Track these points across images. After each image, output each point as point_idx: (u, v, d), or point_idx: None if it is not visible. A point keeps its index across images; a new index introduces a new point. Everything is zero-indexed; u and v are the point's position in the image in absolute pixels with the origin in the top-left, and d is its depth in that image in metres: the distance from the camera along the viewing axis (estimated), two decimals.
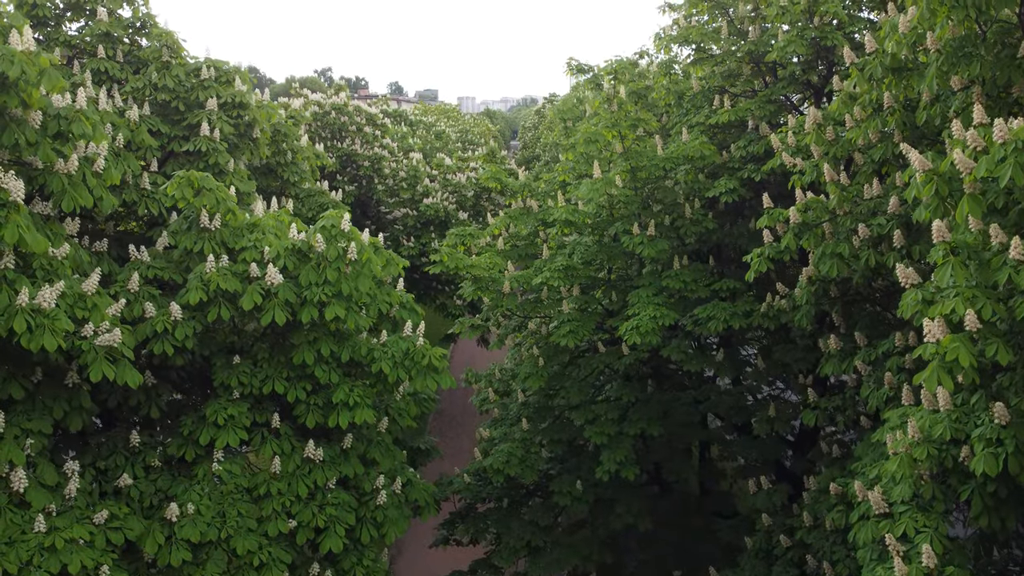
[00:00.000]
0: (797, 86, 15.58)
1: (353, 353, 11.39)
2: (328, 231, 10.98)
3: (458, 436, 32.89)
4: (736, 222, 16.20)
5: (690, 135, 16.05)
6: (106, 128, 13.34)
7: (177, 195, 11.47)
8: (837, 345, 12.05)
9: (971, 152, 7.44)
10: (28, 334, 8.47)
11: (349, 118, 34.63)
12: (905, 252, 9.95)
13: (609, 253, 15.32)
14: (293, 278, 11.17)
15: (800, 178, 12.05)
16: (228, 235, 11.86)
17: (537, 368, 15.55)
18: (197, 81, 15.58)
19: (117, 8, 16.39)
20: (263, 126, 16.46)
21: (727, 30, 15.96)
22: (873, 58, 9.94)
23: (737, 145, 15.51)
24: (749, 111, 15.21)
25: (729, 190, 14.69)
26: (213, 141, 14.65)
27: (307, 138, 20.59)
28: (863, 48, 14.80)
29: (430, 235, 33.57)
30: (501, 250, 17.21)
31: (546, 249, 16.33)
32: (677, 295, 14.89)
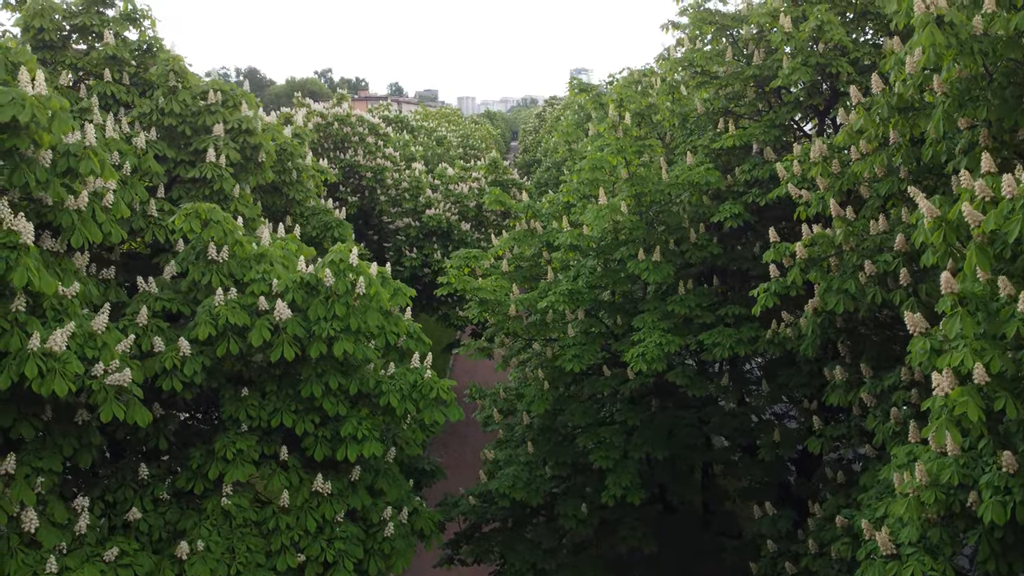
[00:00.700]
0: (802, 110, 15.61)
1: (361, 385, 11.43)
2: (337, 266, 11.02)
3: (461, 448, 32.95)
4: (741, 245, 16.24)
5: (694, 158, 16.11)
6: (113, 156, 13.47)
7: (185, 228, 11.52)
8: (843, 375, 12.09)
9: (979, 203, 7.49)
10: (39, 379, 8.51)
11: (352, 128, 34.69)
12: (912, 291, 10.00)
13: (614, 277, 15.36)
14: (301, 311, 11.21)
15: (806, 210, 12.09)
16: (236, 266, 11.91)
17: (542, 392, 15.59)
18: (204, 105, 15.64)
19: (124, 31, 16.47)
20: (268, 149, 16.51)
21: (731, 53, 16.00)
22: (880, 97, 9.97)
23: (741, 169, 15.56)
24: (754, 135, 15.25)
25: (734, 215, 14.74)
26: (219, 167, 14.70)
27: (311, 156, 20.59)
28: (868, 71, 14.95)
29: (432, 246, 33.64)
30: (506, 272, 17.27)
31: (551, 271, 16.40)
32: (682, 319, 14.93)
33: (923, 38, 8.13)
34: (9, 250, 8.60)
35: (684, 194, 15.06)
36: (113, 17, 16.48)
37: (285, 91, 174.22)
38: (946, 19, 8.04)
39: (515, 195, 37.17)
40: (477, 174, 36.96)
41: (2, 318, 8.69)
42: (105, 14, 16.54)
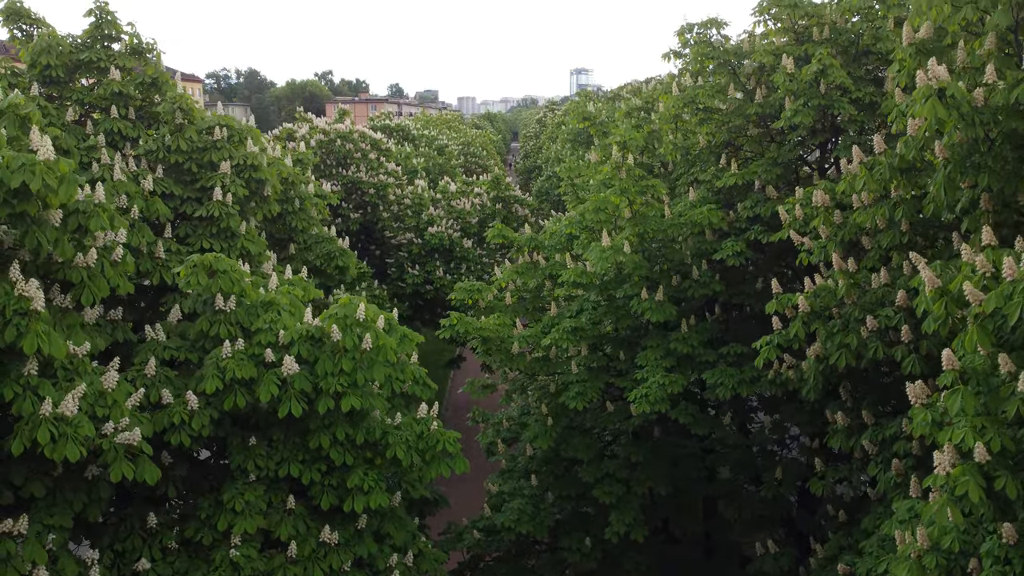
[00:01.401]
0: (804, 147, 15.71)
1: (368, 435, 11.53)
2: (343, 321, 11.11)
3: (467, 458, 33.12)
4: (743, 280, 16.33)
5: (696, 194, 16.21)
6: (120, 199, 13.60)
7: (192, 280, 11.61)
8: (844, 421, 12.19)
9: (979, 278, 7.59)
10: (51, 444, 8.62)
11: (354, 145, 34.80)
12: (913, 347, 10.10)
13: (617, 313, 15.47)
14: (307, 363, 11.31)
15: (808, 257, 12.19)
16: (243, 314, 12.01)
17: (546, 428, 15.70)
18: (210, 140, 15.74)
19: (130, 65, 16.57)
20: (274, 183, 16.62)
21: (734, 89, 16.09)
22: (882, 158, 10.07)
23: (744, 205, 15.66)
24: (755, 174, 15.35)
25: (736, 253, 14.84)
26: (226, 206, 14.80)
27: (314, 184, 20.69)
28: (869, 108, 15.05)
29: (435, 263, 33.75)
30: (509, 304, 17.38)
31: (554, 306, 16.49)
32: (684, 356, 15.03)
33: (925, 110, 8.23)
34: (20, 316, 8.70)
35: (686, 231, 15.15)
36: (119, 52, 16.59)
37: (285, 93, 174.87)
38: (948, 92, 8.14)
39: (517, 211, 37.59)
40: (479, 189, 37.06)
41: (14, 383, 8.79)
42: (111, 48, 16.66)
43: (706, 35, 17.00)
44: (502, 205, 36.84)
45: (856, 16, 14.97)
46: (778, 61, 15.42)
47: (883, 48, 14.58)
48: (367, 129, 37.50)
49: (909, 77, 9.84)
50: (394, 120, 73.80)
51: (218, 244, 14.85)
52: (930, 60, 8.40)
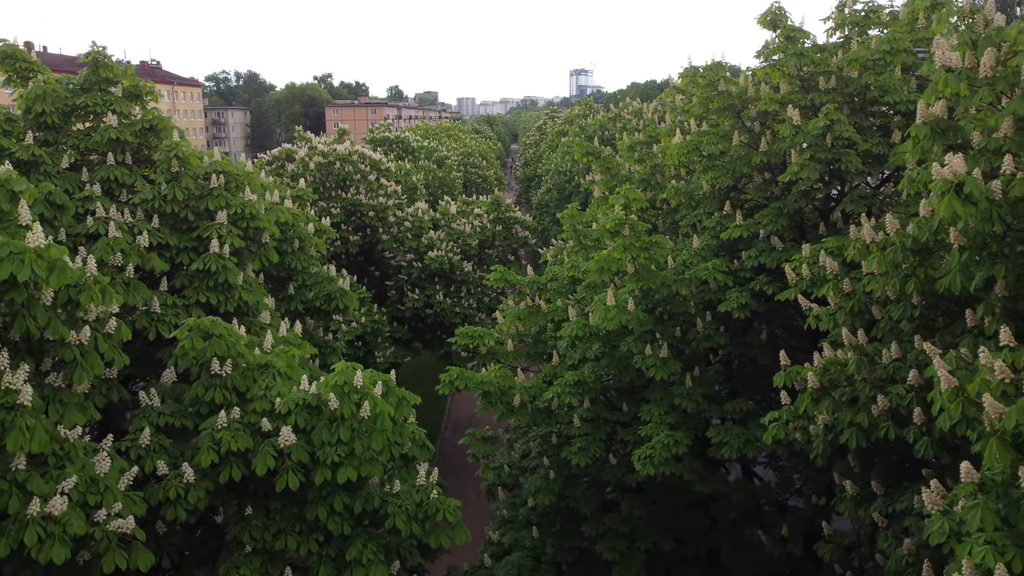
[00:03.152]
0: (810, 199, 15.47)
1: (366, 504, 11.30)
2: (340, 389, 10.88)
3: (463, 485, 32.81)
4: (747, 331, 16.09)
5: (700, 241, 15.97)
6: (116, 258, 13.35)
7: (187, 346, 11.37)
8: (853, 490, 11.94)
9: (998, 385, 7.35)
10: (39, 545, 8.38)
11: (353, 167, 34.53)
12: (926, 430, 9.85)
13: (620, 365, 15.22)
14: (304, 431, 11.07)
15: (816, 322, 11.95)
16: (239, 378, 11.78)
17: (548, 482, 15.45)
18: (206, 187, 15.49)
19: (127, 109, 16.33)
20: (272, 231, 16.37)
21: (738, 137, 15.85)
22: (895, 238, 9.83)
23: (748, 255, 15.42)
24: (761, 224, 15.11)
25: (741, 305, 14.59)
26: (222, 258, 14.55)
27: (314, 224, 20.44)
28: (876, 160, 14.81)
29: (435, 287, 33.51)
30: (510, 350, 17.13)
31: (556, 355, 16.25)
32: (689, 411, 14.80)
33: (943, 208, 7.99)
34: (6, 411, 8.46)
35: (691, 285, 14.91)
36: (116, 96, 16.34)
37: (285, 96, 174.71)
38: (965, 189, 7.90)
39: (518, 232, 37.33)
40: (479, 210, 36.78)
41: (1, 479, 8.54)
42: (109, 92, 16.41)
43: (710, 78, 16.76)
44: (502, 227, 36.59)
45: (864, 68, 14.70)
46: (785, 110, 15.19)
47: (891, 99, 14.34)
48: (366, 149, 37.20)
49: (923, 153, 9.61)
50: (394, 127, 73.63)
51: (215, 297, 14.61)
52: (947, 155, 8.15)
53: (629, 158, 21.08)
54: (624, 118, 38.42)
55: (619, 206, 14.62)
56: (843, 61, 14.94)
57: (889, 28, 16.01)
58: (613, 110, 41.79)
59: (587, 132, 48.12)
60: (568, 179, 51.29)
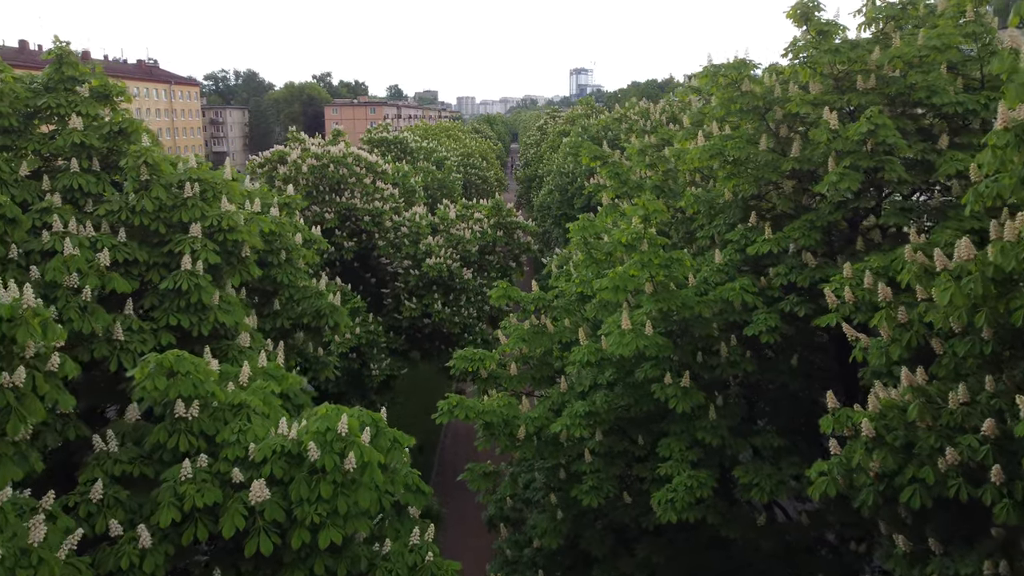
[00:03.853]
0: (846, 211, 14.02)
1: (351, 566, 9.86)
2: (323, 436, 9.42)
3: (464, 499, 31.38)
4: (775, 355, 14.66)
5: (723, 255, 14.54)
6: (71, 279, 11.91)
7: (148, 386, 9.93)
8: (907, 546, 10.47)
9: None
10: None
11: (348, 169, 33.05)
12: (1006, 491, 8.41)
13: (636, 394, 13.78)
14: (281, 484, 9.63)
15: (863, 354, 10.51)
16: (207, 421, 10.35)
17: (555, 522, 14.02)
18: (180, 197, 14.06)
19: (94, 111, 14.90)
20: (253, 243, 14.91)
21: (766, 142, 14.40)
22: (971, 265, 8.38)
23: (776, 271, 14.00)
24: (791, 238, 13.67)
25: (770, 328, 13.15)
26: (196, 276, 13.10)
27: (302, 233, 18.99)
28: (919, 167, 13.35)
29: (433, 295, 32.02)
30: (514, 375, 15.70)
31: (564, 381, 14.80)
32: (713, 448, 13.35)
33: None
34: None
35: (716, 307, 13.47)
36: (82, 97, 14.90)
37: (284, 95, 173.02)
38: None
39: (519, 237, 35.84)
40: (480, 214, 35.25)
41: None
42: (75, 92, 14.97)
43: (733, 76, 15.31)
44: (503, 232, 35.10)
45: (908, 67, 13.25)
46: (817, 112, 13.75)
47: (938, 101, 12.88)
48: (362, 151, 35.73)
49: (1001, 164, 8.17)
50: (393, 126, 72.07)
51: (187, 319, 13.18)
52: None
53: (639, 163, 19.64)
54: (630, 118, 36.95)
55: (637, 218, 13.16)
56: (883, 58, 13.49)
57: (929, 22, 14.59)
58: (619, 110, 40.27)
59: (590, 132, 46.68)
60: (571, 180, 49.81)
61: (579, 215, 43.91)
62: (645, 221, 13.14)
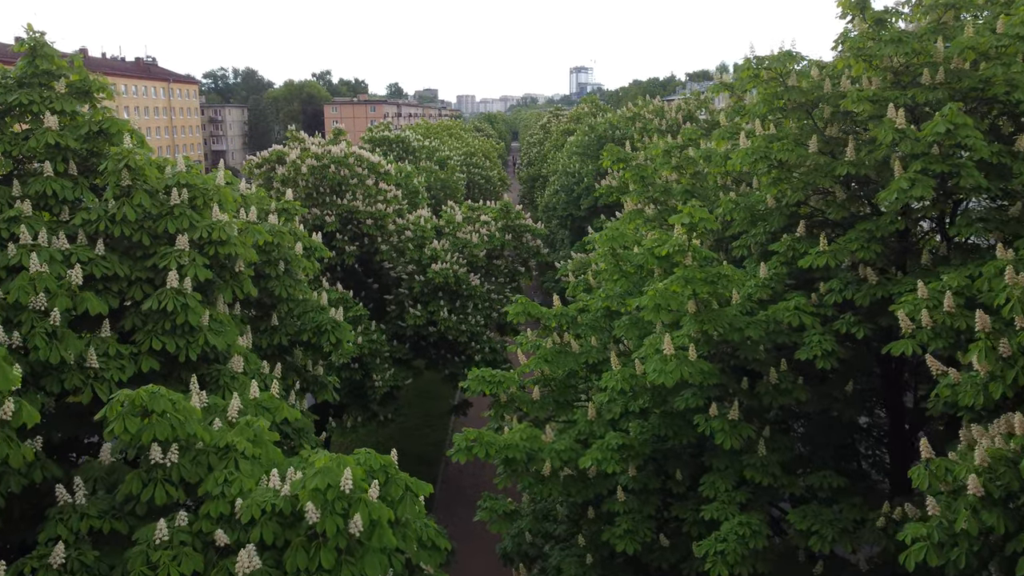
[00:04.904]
0: (910, 220, 12.57)
1: None
2: (322, 495, 7.95)
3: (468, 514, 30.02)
4: (827, 380, 13.20)
5: (768, 269, 13.09)
6: (37, 300, 10.44)
7: (117, 429, 8.47)
8: None
9: None
10: None
11: (350, 170, 31.52)
12: None
13: (674, 426, 12.32)
14: (273, 548, 8.17)
15: (951, 392, 9.05)
16: (188, 467, 8.90)
17: (583, 568, 12.56)
18: (166, 205, 12.64)
19: (72, 108, 13.46)
20: (247, 256, 13.46)
21: (816, 143, 12.94)
22: None
23: (829, 287, 12.56)
24: (848, 251, 12.21)
25: (825, 353, 11.67)
26: (182, 295, 11.65)
27: (302, 241, 17.52)
28: (996, 171, 11.89)
29: (439, 303, 30.50)
30: (535, 399, 14.24)
31: (592, 408, 13.34)
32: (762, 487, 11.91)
33: None
34: None
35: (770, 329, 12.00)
36: (59, 93, 13.47)
37: (283, 94, 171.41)
38: None
39: (529, 241, 34.35)
40: (487, 217, 33.74)
41: None
42: (50, 88, 13.56)
43: (778, 70, 13.87)
44: (512, 235, 33.60)
45: (983, 58, 11.78)
46: (878, 110, 12.29)
47: (1017, 97, 11.43)
48: (364, 151, 34.14)
49: None
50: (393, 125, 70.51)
51: (173, 342, 11.74)
52: None
53: (665, 165, 18.20)
54: (644, 117, 35.37)
55: (680, 227, 11.69)
56: (953, 49, 12.04)
57: (992, 10, 13.16)
58: (631, 108, 38.68)
59: (597, 131, 45.19)
60: (577, 181, 48.32)
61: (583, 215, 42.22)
62: (690, 231, 11.67)
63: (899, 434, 14.24)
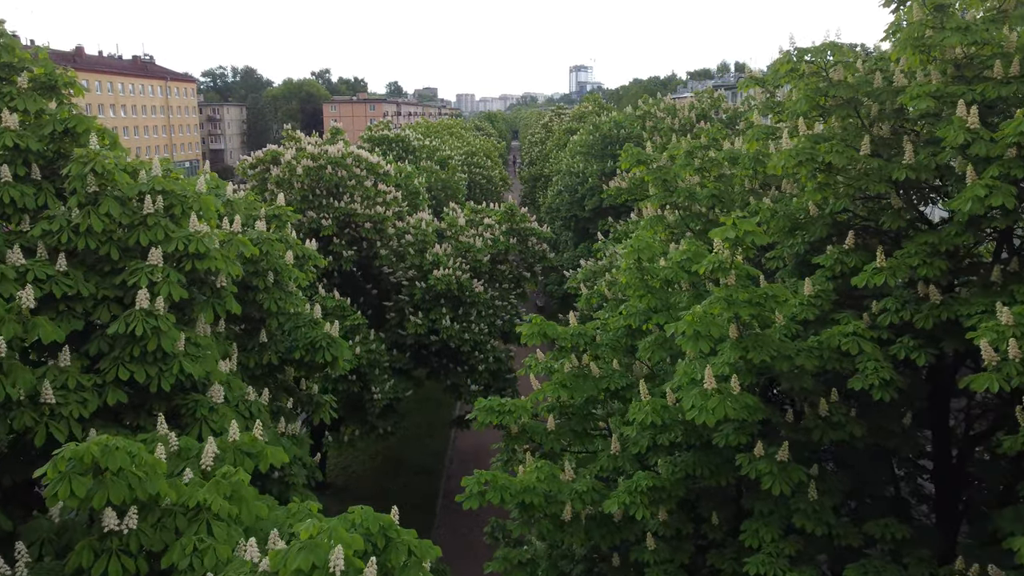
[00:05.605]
0: (976, 232, 11.15)
1: None
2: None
3: (471, 530, 28.64)
4: (881, 410, 11.77)
5: (812, 284, 11.66)
6: None
7: (62, 493, 7.04)
8: None
9: None
10: None
11: (347, 171, 30.07)
12: None
13: (711, 465, 10.90)
14: None
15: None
16: (150, 535, 7.48)
17: None
18: (138, 214, 11.23)
19: (36, 106, 12.03)
20: (231, 271, 12.03)
21: (869, 145, 11.51)
22: None
23: (884, 305, 11.15)
24: (908, 266, 10.80)
25: (883, 382, 10.25)
26: (153, 317, 10.23)
27: (294, 249, 16.09)
28: None
29: (441, 310, 29.03)
30: (550, 430, 12.82)
31: (615, 441, 11.93)
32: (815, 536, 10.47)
33: None
34: None
35: (825, 356, 10.57)
36: (21, 89, 12.05)
37: (282, 92, 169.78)
38: None
39: (534, 244, 32.89)
40: (490, 219, 32.24)
41: None
42: (11, 82, 12.16)
43: (822, 63, 12.46)
44: (517, 239, 32.14)
45: None
46: (944, 107, 10.87)
47: None
48: (362, 151, 32.67)
49: None
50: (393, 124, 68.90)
51: (143, 371, 10.33)
52: None
53: (687, 167, 16.77)
54: (655, 116, 33.89)
55: (722, 241, 10.26)
56: None
57: None
58: (641, 107, 37.19)
59: (602, 130, 43.78)
60: (581, 181, 46.91)
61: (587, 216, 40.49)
62: (735, 246, 10.23)
63: (944, 461, 12.87)
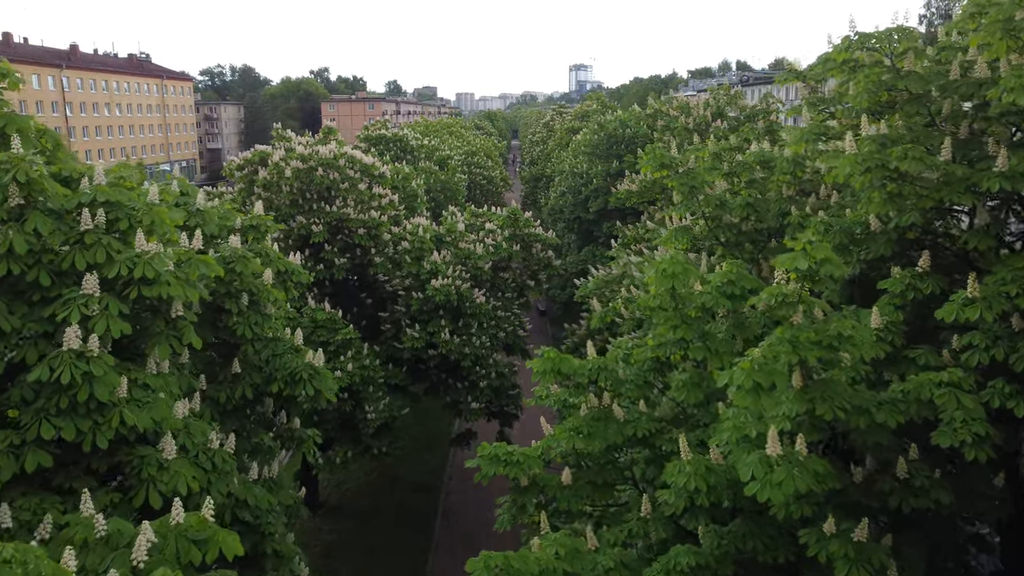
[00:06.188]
0: None
1: None
2: None
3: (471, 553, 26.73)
4: (970, 471, 9.87)
5: (880, 315, 9.76)
6: None
7: None
8: None
9: None
10: None
11: (340, 173, 28.11)
12: None
13: (766, 537, 8.99)
14: None
15: None
16: None
17: None
18: (75, 231, 9.33)
19: None
20: (185, 297, 10.11)
21: (951, 150, 9.61)
22: None
23: (969, 341, 9.27)
24: (1004, 295, 8.91)
25: (977, 439, 8.36)
26: (85, 359, 8.33)
27: (274, 265, 14.14)
28: None
29: (439, 322, 27.07)
30: (567, 485, 10.92)
31: (646, 501, 10.02)
32: None
33: None
34: None
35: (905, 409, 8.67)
36: None
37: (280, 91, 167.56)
38: None
39: (538, 251, 31.00)
40: (492, 224, 30.26)
41: None
42: None
43: (886, 51, 10.56)
44: (520, 245, 30.20)
45: None
46: None
47: None
48: (357, 151, 30.71)
49: None
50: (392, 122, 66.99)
51: (71, 426, 8.42)
52: None
53: (714, 171, 14.89)
54: (668, 114, 31.94)
55: (787, 271, 8.34)
56: None
57: None
58: (652, 105, 35.24)
59: (606, 130, 41.86)
60: (585, 182, 45.05)
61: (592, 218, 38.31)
62: (806, 279, 8.31)
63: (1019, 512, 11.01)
